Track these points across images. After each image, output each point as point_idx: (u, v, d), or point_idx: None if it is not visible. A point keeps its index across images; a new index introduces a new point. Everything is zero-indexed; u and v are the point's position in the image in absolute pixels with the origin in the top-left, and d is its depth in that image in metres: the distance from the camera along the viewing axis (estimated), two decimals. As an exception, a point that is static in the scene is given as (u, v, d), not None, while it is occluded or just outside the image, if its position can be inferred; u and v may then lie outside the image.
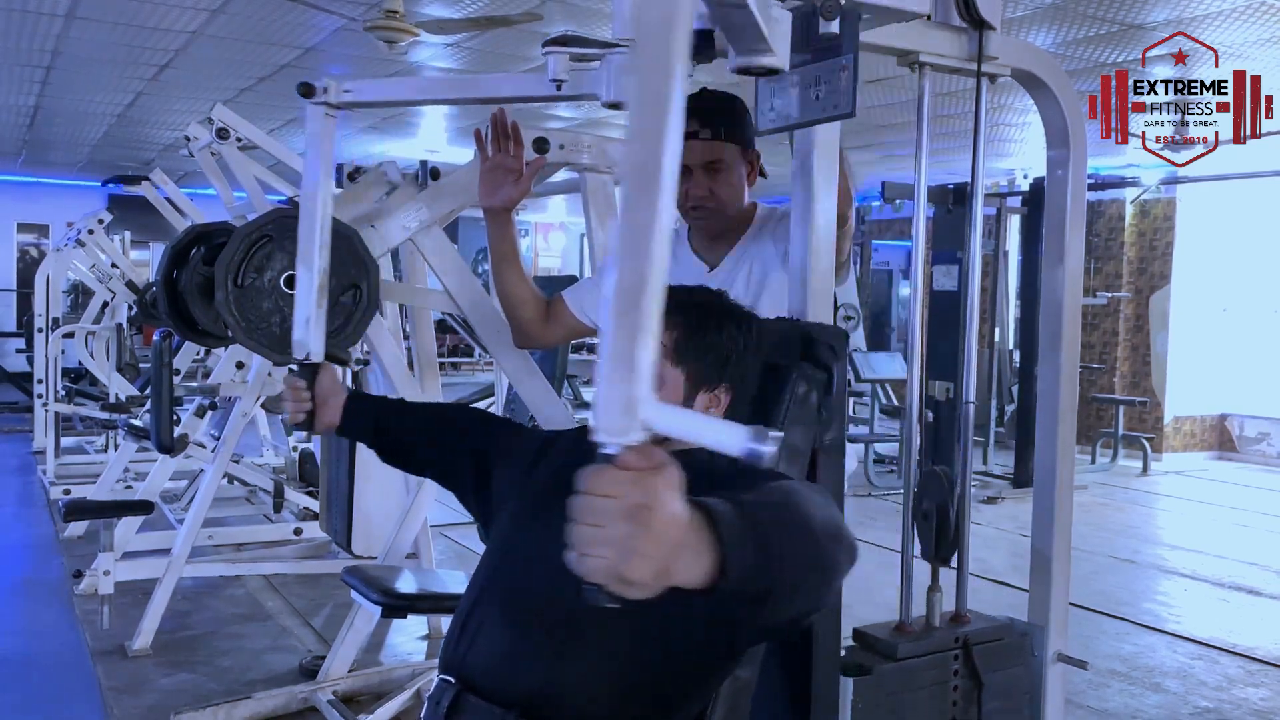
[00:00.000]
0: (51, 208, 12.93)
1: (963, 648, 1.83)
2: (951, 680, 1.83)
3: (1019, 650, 1.94)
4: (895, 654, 1.76)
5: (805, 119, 1.63)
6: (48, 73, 6.95)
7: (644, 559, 0.83)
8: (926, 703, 1.80)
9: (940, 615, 1.90)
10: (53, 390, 7.53)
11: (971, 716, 1.84)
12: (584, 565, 0.83)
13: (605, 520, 0.83)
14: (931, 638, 1.83)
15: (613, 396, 0.84)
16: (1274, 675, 4.04)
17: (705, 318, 1.43)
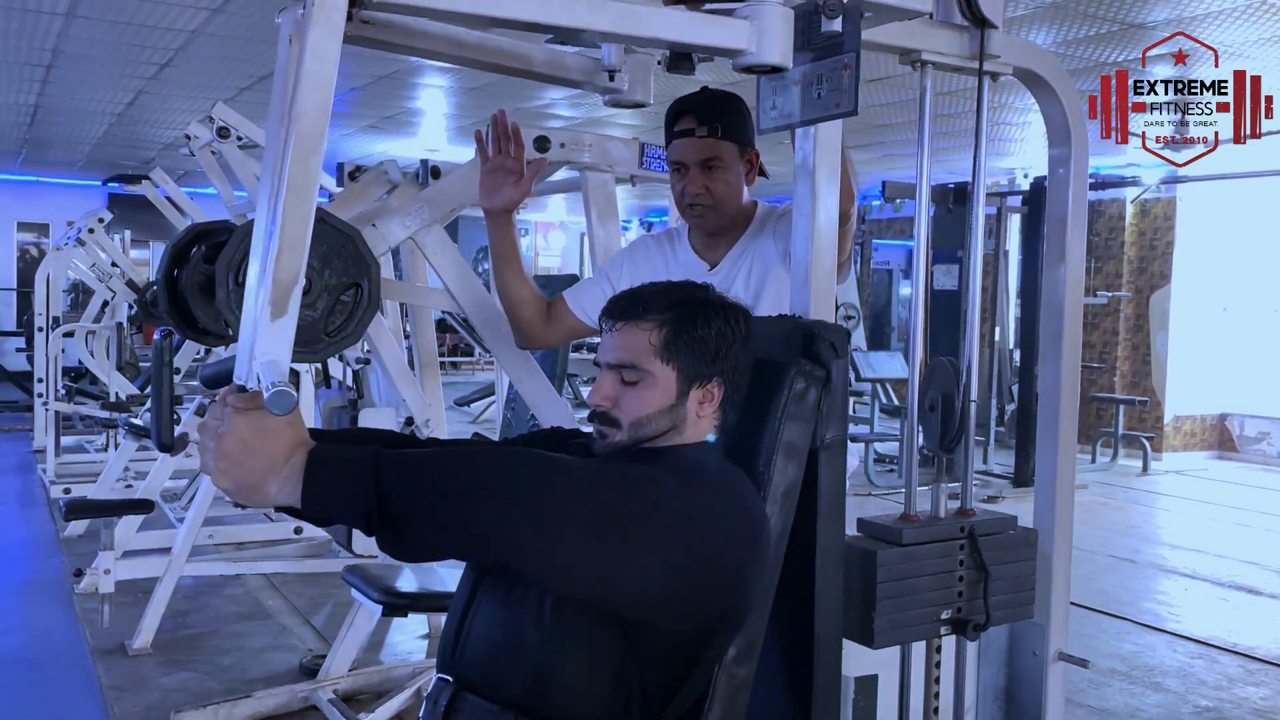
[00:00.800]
0: (52, 207, 12.94)
1: (968, 537, 1.81)
2: (957, 570, 1.81)
3: (1024, 544, 1.92)
4: (900, 539, 1.75)
5: (807, 117, 1.62)
6: (48, 71, 6.95)
7: (220, 473, 1.15)
8: (932, 591, 1.78)
9: (945, 508, 1.88)
10: (53, 389, 7.53)
11: (978, 608, 1.82)
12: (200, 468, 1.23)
13: (204, 438, 1.17)
14: (937, 526, 1.82)
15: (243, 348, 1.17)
16: (1274, 674, 4.05)
17: (693, 313, 1.43)
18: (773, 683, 1.52)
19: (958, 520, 1.85)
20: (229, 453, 1.13)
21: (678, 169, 2.11)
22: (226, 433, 1.13)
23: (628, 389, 1.41)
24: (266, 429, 1.14)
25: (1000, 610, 1.86)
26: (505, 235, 2.14)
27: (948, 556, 1.81)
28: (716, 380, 1.44)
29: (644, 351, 1.41)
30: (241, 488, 1.15)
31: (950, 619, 1.81)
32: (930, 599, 1.79)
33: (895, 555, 1.74)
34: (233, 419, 1.14)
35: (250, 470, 1.14)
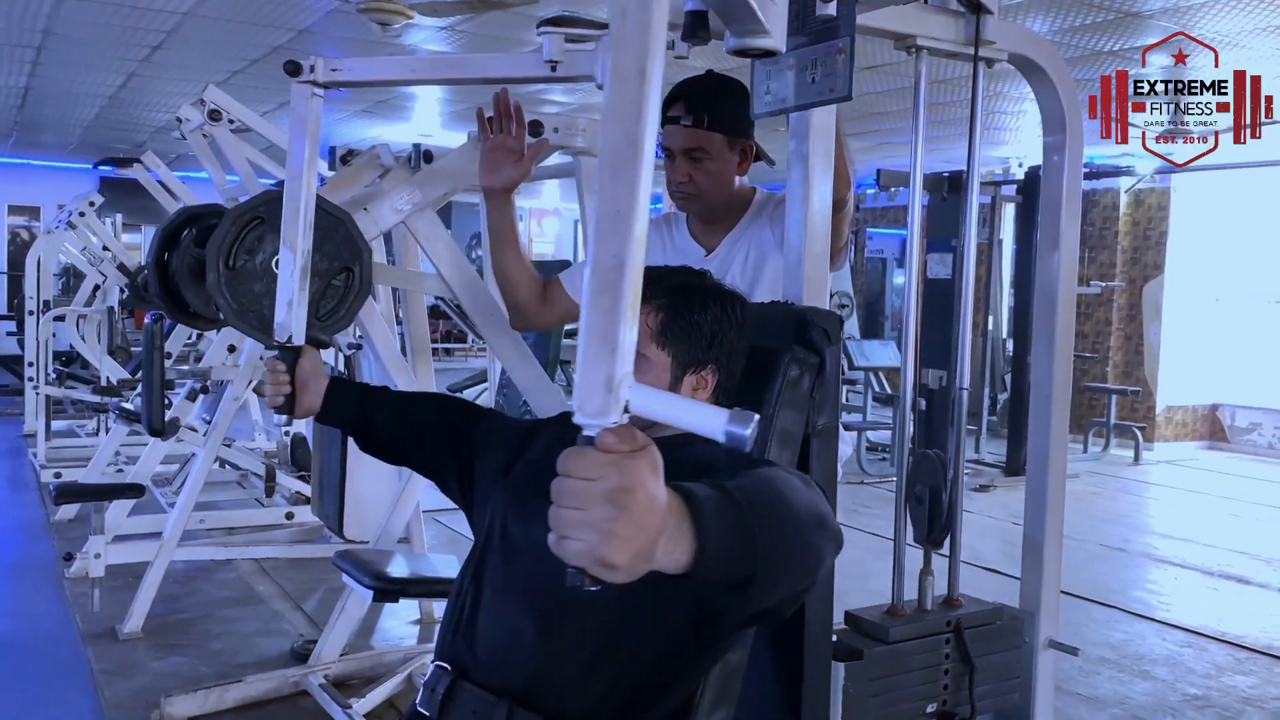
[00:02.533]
0: (43, 190, 12.87)
1: (954, 631, 1.83)
2: (943, 664, 1.83)
3: (1010, 634, 1.94)
4: (887, 637, 1.76)
5: (801, 102, 1.62)
6: (38, 53, 6.89)
7: (623, 542, 0.82)
8: (918, 686, 1.80)
9: (932, 599, 1.90)
10: (43, 373, 7.51)
11: (963, 700, 1.84)
12: (564, 548, 0.83)
13: (585, 503, 0.82)
14: (923, 621, 1.83)
15: (593, 377, 0.84)
16: (1262, 663, 4.06)
17: (689, 299, 1.42)
18: (764, 668, 1.52)
19: (944, 613, 1.87)
20: (636, 512, 0.83)
21: (667, 153, 2.11)
22: (630, 486, 0.83)
23: None
24: (659, 473, 0.86)
25: (985, 700, 1.88)
26: (504, 215, 2.12)
27: (933, 651, 1.83)
28: (711, 367, 1.44)
29: (640, 335, 1.40)
30: (638, 557, 0.85)
31: (936, 712, 1.83)
32: (916, 694, 1.81)
33: (882, 654, 1.76)
34: (633, 467, 0.83)
35: (650, 531, 0.85)
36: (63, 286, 10.29)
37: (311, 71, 1.88)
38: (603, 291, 0.84)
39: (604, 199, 0.85)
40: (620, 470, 0.82)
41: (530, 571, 1.36)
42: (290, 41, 6.34)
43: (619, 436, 0.84)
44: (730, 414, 0.85)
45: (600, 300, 0.84)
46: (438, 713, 1.33)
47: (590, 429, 0.85)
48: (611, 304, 0.84)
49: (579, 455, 0.84)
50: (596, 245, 0.84)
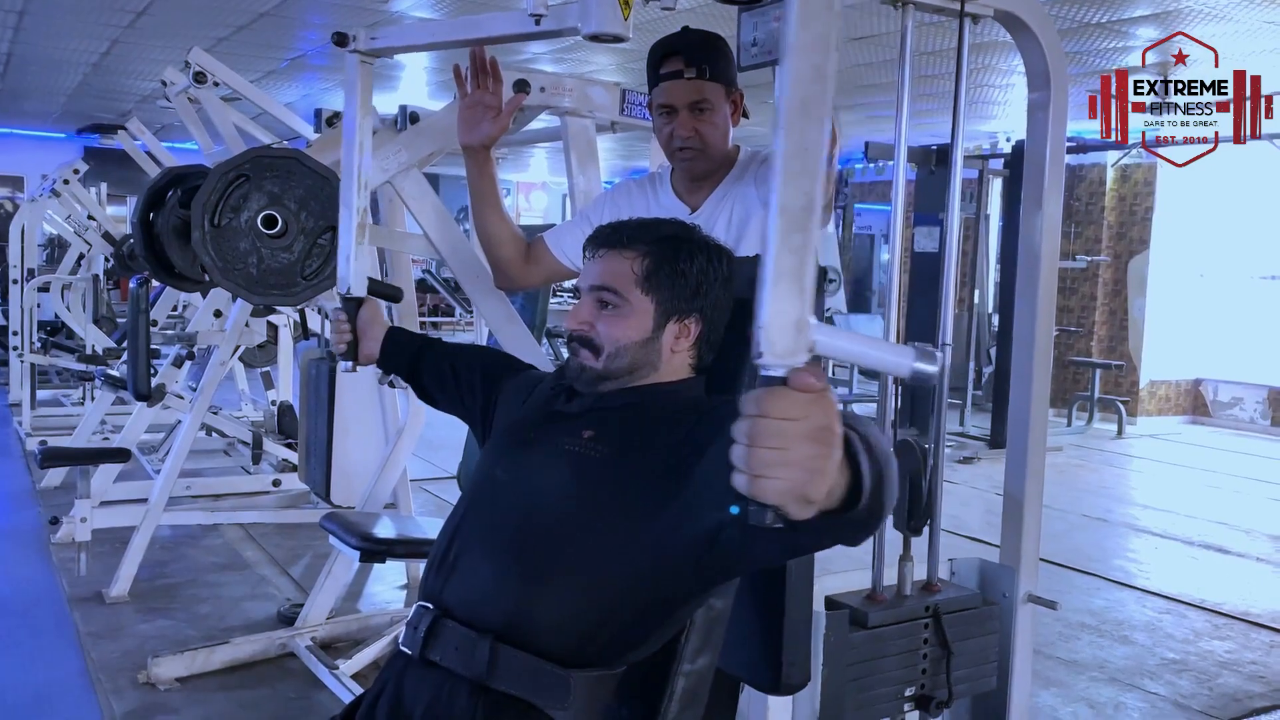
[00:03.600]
0: (26, 159, 12.76)
1: (933, 616, 1.85)
2: (921, 648, 1.85)
3: (989, 619, 1.96)
4: (866, 622, 1.78)
5: (787, 54, 1.62)
6: (20, 18, 6.82)
7: (825, 478, 0.84)
8: (896, 670, 1.82)
9: (912, 584, 1.91)
10: (28, 342, 7.47)
11: (940, 684, 1.86)
12: (763, 488, 0.83)
13: (788, 443, 0.82)
14: (902, 606, 1.85)
15: (783, 318, 0.83)
16: (1239, 629, 4.12)
17: (676, 248, 1.44)
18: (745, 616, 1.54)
19: (923, 599, 1.88)
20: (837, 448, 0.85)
21: (665, 112, 2.08)
22: (832, 425, 0.84)
23: (605, 315, 1.42)
24: None
25: (963, 685, 1.90)
26: (484, 172, 2.12)
27: (912, 636, 1.85)
28: (694, 317, 1.45)
29: (625, 279, 1.42)
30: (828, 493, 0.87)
31: (914, 696, 1.85)
32: (894, 678, 1.83)
33: (861, 638, 1.78)
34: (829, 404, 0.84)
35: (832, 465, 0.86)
36: (48, 257, 10.22)
37: (355, 41, 2.03)
38: (792, 230, 0.83)
39: (791, 137, 0.84)
40: (823, 408, 0.83)
41: (516, 514, 1.37)
42: (276, 8, 6.30)
43: (815, 375, 0.84)
44: (916, 350, 0.85)
45: (789, 239, 0.83)
46: (419, 650, 1.33)
47: (776, 369, 0.84)
48: (801, 243, 0.83)
49: (778, 396, 0.82)
50: (784, 184, 0.84)
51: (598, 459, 1.37)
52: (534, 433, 1.49)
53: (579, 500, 1.35)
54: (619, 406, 1.43)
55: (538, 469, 1.42)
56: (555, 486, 1.38)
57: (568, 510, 1.35)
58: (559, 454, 1.41)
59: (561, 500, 1.36)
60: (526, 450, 1.47)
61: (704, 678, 1.42)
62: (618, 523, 1.30)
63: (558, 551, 1.31)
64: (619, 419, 1.41)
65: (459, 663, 1.30)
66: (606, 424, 1.41)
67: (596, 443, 1.39)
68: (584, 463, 1.38)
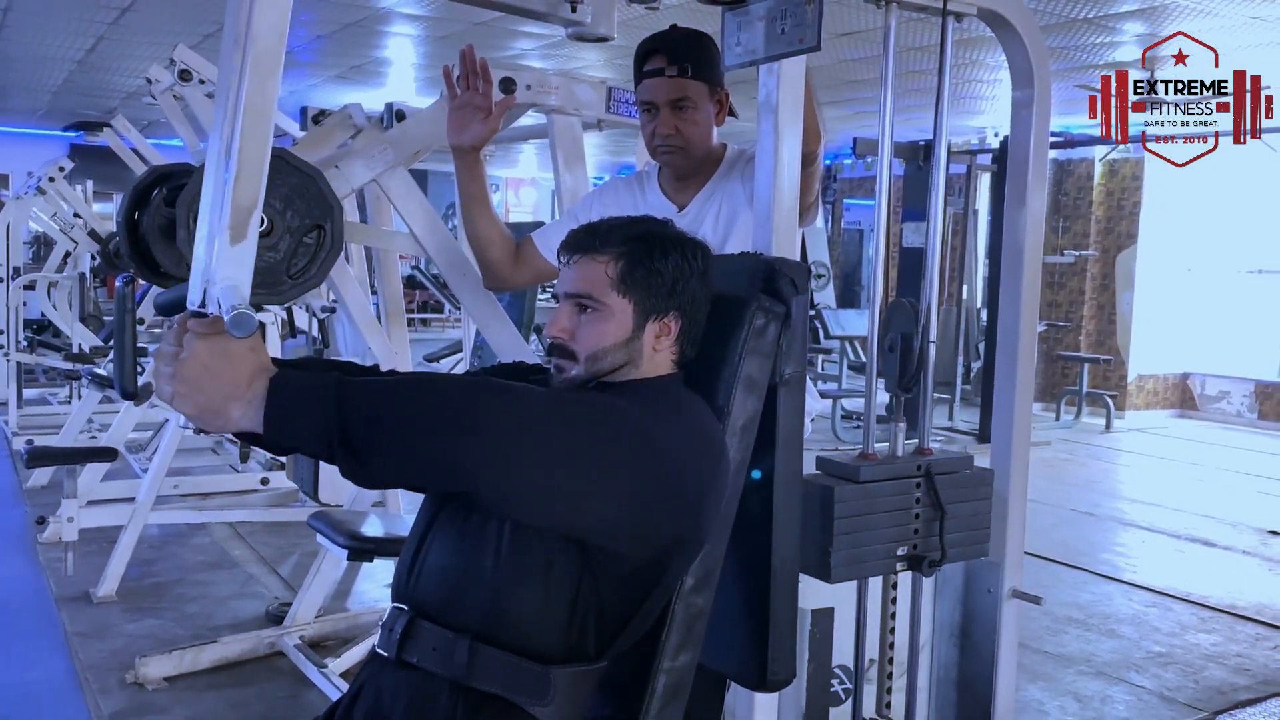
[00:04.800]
0: (11, 156, 12.67)
1: (925, 475, 1.84)
2: (914, 508, 1.84)
3: (980, 483, 1.95)
4: (857, 476, 1.78)
5: (771, 53, 1.62)
6: (5, 14, 6.79)
7: (180, 398, 1.14)
8: (888, 528, 1.81)
9: (903, 447, 1.91)
10: (14, 340, 7.43)
11: (933, 545, 1.85)
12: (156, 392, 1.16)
13: (163, 362, 1.15)
14: (894, 464, 1.84)
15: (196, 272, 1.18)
16: (1225, 621, 4.15)
17: (649, 247, 1.43)
18: (731, 612, 1.54)
19: (915, 459, 1.87)
20: (190, 377, 1.13)
21: (647, 109, 2.09)
22: (187, 357, 1.13)
23: (584, 321, 1.41)
24: (228, 353, 1.13)
25: (956, 548, 1.89)
26: (474, 174, 2.12)
27: (904, 494, 1.84)
28: (673, 314, 1.45)
29: (600, 283, 1.41)
30: (204, 412, 1.14)
31: (906, 555, 1.84)
32: (886, 535, 1.82)
33: (852, 492, 1.77)
34: (193, 343, 1.13)
35: (212, 394, 1.13)
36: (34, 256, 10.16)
37: None
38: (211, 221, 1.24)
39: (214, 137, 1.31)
40: (186, 345, 1.14)
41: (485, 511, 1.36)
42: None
43: (198, 321, 1.16)
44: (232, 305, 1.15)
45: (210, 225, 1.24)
46: (396, 652, 1.33)
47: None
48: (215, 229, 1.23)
49: (173, 329, 1.16)
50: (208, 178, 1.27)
51: None
52: None
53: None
54: None
55: None
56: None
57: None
58: None
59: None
60: None
61: (686, 674, 1.42)
62: None
63: (530, 541, 1.31)
64: None
65: (437, 663, 1.30)
66: None
67: None
68: None
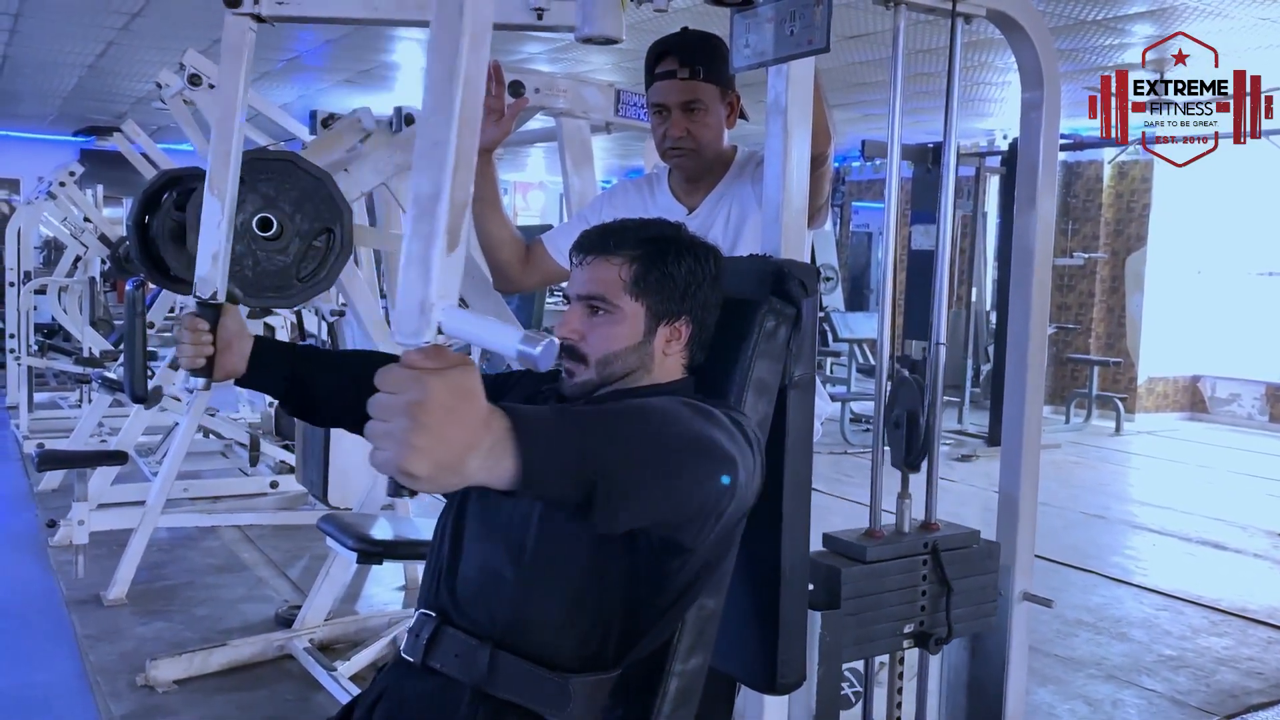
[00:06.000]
0: (22, 162, 12.75)
1: (931, 553, 1.84)
2: (920, 585, 1.84)
3: (986, 557, 1.95)
4: (864, 557, 1.78)
5: (780, 55, 1.62)
6: (16, 20, 6.82)
7: (419, 453, 0.86)
8: (895, 606, 1.82)
9: (910, 522, 1.91)
10: (25, 345, 7.47)
11: (940, 621, 1.85)
12: (374, 458, 0.88)
13: (387, 415, 0.87)
14: (901, 542, 1.84)
15: (408, 300, 0.91)
16: (1236, 625, 4.13)
17: (664, 250, 1.43)
18: (740, 615, 1.54)
19: (921, 536, 1.87)
20: (431, 425, 0.86)
21: (659, 111, 2.10)
22: (424, 401, 0.86)
23: (595, 323, 1.41)
24: (467, 392, 0.90)
25: (962, 623, 1.90)
26: (485, 175, 2.12)
27: (911, 572, 1.84)
28: (685, 319, 1.45)
29: (613, 285, 1.41)
30: (441, 469, 0.89)
31: (913, 633, 1.84)
32: (893, 614, 1.82)
33: (859, 573, 1.77)
34: (431, 382, 0.87)
35: (452, 445, 0.89)
36: (45, 260, 10.21)
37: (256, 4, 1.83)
38: (419, 218, 0.91)
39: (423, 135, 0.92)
40: (418, 385, 0.87)
41: (508, 515, 1.37)
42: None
43: (424, 354, 0.89)
44: (523, 335, 0.91)
45: (417, 228, 0.91)
46: (422, 657, 1.34)
47: (406, 348, 0.91)
48: (427, 231, 0.91)
49: (388, 371, 0.88)
50: (416, 177, 0.91)
51: None
52: None
53: None
54: None
55: None
56: None
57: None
58: None
59: None
60: None
61: (697, 678, 1.42)
62: None
63: (551, 550, 1.32)
64: None
65: (459, 669, 1.31)
66: None
67: None
68: None
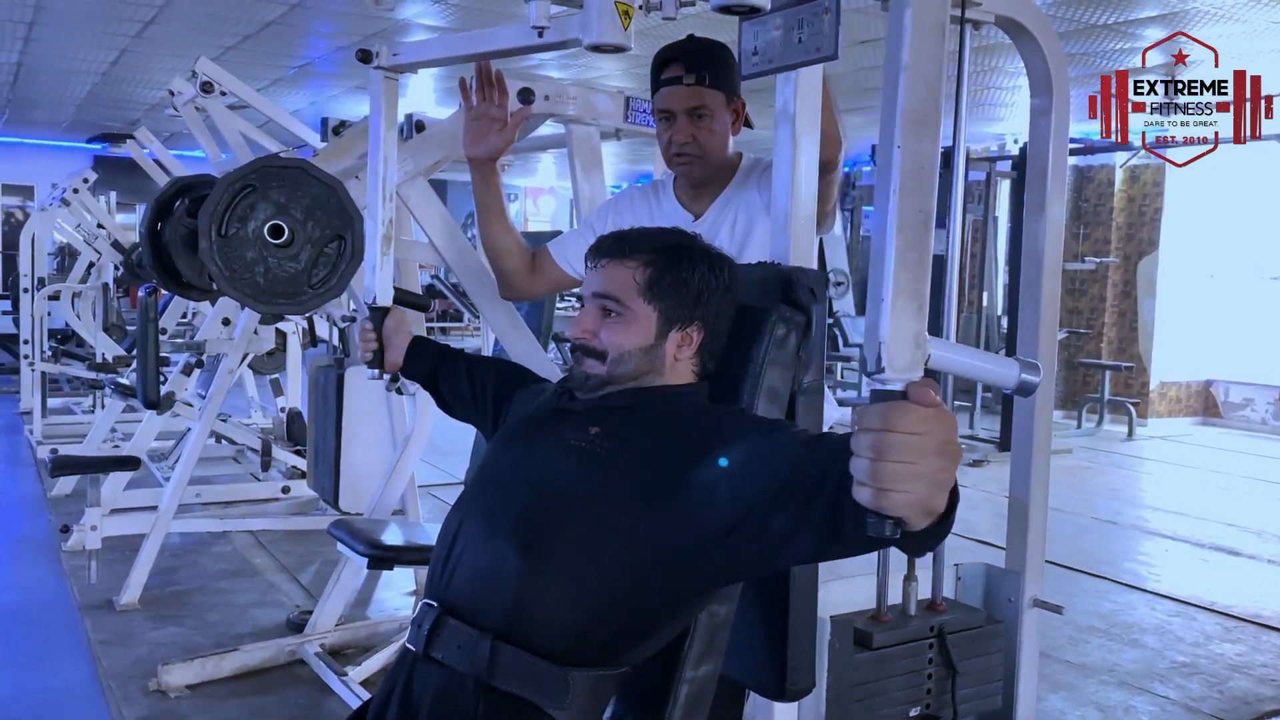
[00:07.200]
0: (36, 169, 12.81)
1: (937, 636, 1.86)
2: (926, 668, 1.86)
3: (993, 638, 1.96)
4: (870, 643, 1.79)
5: (788, 62, 1.62)
6: (30, 29, 6.87)
7: (947, 491, 0.87)
8: (901, 690, 1.83)
9: (916, 603, 1.92)
10: (39, 350, 7.51)
11: (945, 704, 1.87)
12: (891, 500, 0.84)
13: (917, 457, 0.84)
14: (907, 626, 1.86)
15: (903, 333, 0.86)
16: (1250, 631, 4.11)
17: (678, 257, 1.45)
18: (750, 622, 1.54)
19: (927, 618, 1.88)
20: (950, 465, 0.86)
21: (664, 117, 2.10)
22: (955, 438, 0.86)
23: (608, 323, 1.43)
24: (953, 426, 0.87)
25: (967, 704, 1.90)
26: (490, 185, 2.13)
27: (917, 656, 1.85)
28: (696, 325, 1.46)
29: (628, 288, 1.43)
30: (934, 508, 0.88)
31: (919, 716, 1.85)
32: (899, 698, 1.84)
33: (865, 659, 1.78)
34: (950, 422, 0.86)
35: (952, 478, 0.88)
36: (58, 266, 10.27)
37: (379, 57, 2.08)
38: (909, 248, 0.86)
39: (908, 155, 0.89)
40: (945, 423, 0.85)
41: (516, 508, 1.38)
42: (283, 16, 6.33)
43: (935, 389, 0.86)
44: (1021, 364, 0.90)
45: (907, 257, 0.86)
46: (424, 648, 1.35)
47: (895, 384, 0.88)
48: (918, 259, 0.87)
49: (904, 411, 0.84)
50: (901, 201, 0.87)
51: (602, 454, 1.38)
52: (539, 428, 1.51)
53: (580, 492, 1.37)
54: (624, 406, 1.44)
55: (541, 461, 1.44)
56: (557, 478, 1.40)
57: (568, 501, 1.36)
58: (563, 448, 1.42)
59: (563, 491, 1.38)
60: (530, 444, 1.48)
61: (707, 685, 1.42)
62: (617, 516, 1.31)
63: (556, 542, 1.33)
64: (624, 418, 1.42)
65: (461, 660, 1.32)
66: (612, 422, 1.42)
67: (602, 439, 1.40)
68: (587, 457, 1.39)
